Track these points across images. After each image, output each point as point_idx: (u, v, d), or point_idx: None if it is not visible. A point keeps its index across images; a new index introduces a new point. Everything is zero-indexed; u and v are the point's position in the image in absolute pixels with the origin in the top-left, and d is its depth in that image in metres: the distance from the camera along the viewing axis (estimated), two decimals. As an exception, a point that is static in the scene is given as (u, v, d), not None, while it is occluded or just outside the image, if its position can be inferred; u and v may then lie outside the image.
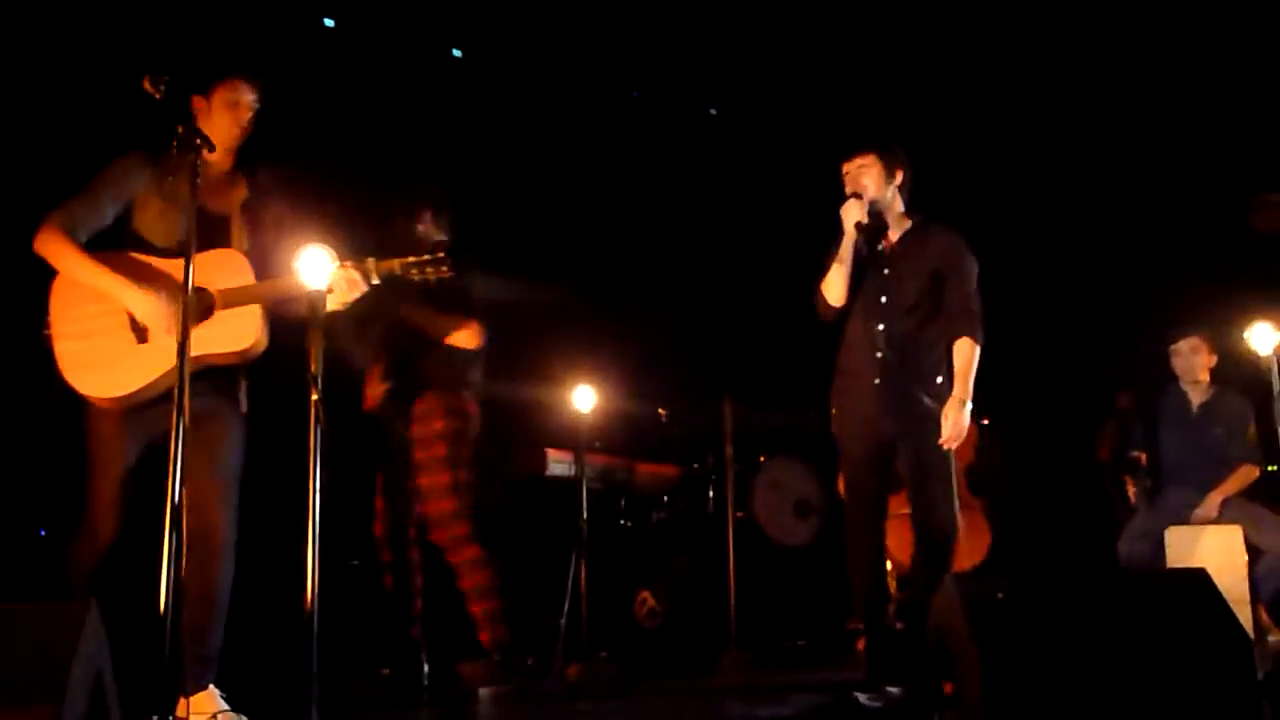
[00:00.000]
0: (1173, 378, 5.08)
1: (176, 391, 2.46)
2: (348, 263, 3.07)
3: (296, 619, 2.46)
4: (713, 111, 6.92)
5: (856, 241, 3.64)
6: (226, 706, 2.95)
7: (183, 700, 2.76)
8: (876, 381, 3.64)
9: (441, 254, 3.23)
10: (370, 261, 3.13)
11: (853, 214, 3.59)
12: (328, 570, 2.48)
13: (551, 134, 6.00)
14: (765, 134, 6.72)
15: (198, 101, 3.11)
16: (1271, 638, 4.56)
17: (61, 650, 2.08)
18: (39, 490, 4.12)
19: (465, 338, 4.04)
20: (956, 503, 3.61)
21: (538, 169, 5.83)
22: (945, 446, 3.54)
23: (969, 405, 3.55)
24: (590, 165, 6.12)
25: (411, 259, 3.21)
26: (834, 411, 3.80)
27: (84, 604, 2.22)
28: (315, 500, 2.32)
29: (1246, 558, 4.61)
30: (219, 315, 2.97)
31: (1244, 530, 4.67)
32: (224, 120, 3.10)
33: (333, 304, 3.02)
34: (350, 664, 3.98)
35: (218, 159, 3.08)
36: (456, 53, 6.07)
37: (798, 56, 6.22)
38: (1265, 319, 3.83)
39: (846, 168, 3.73)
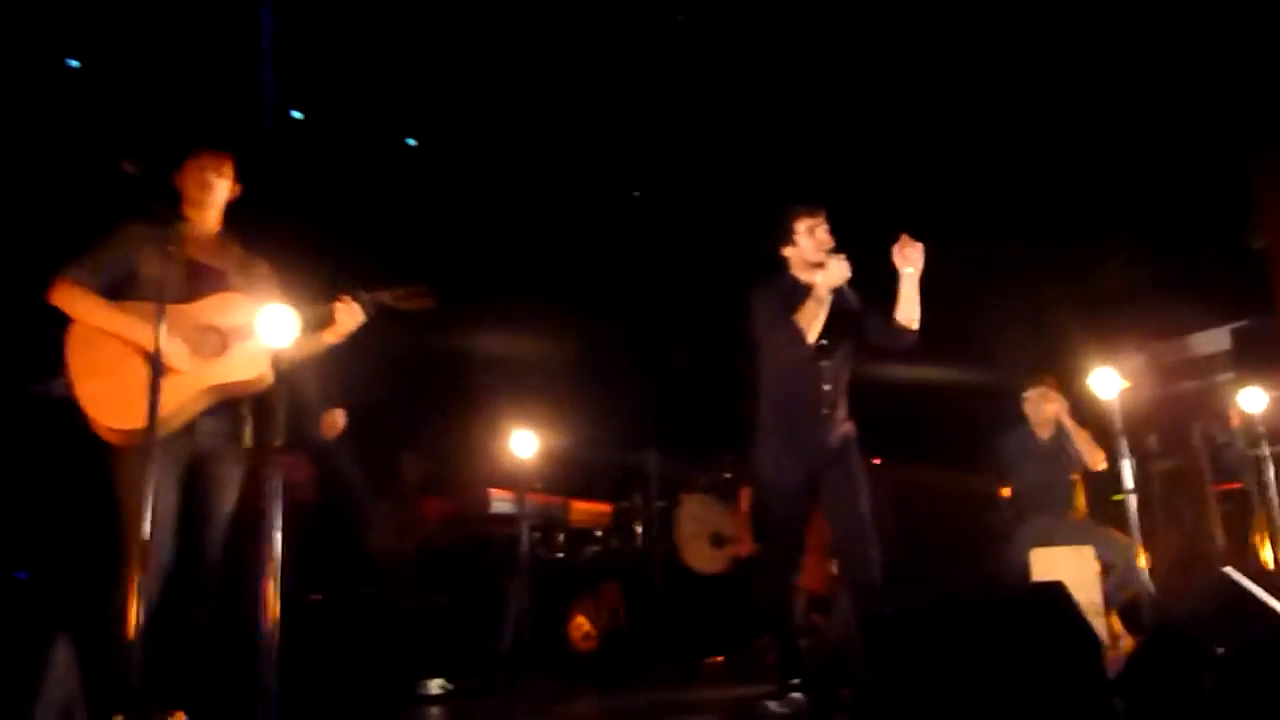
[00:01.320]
0: (1024, 419, 5.22)
1: (147, 429, 2.39)
2: (347, 296, 3.11)
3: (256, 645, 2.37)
4: (635, 194, 7.01)
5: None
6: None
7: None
8: (825, 412, 3.60)
9: (423, 285, 3.24)
10: (364, 294, 3.15)
11: (843, 272, 3.48)
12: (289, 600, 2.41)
13: (489, 187, 6.01)
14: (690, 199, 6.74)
15: (176, 176, 3.12)
16: (1123, 643, 4.64)
17: (26, 688, 1.97)
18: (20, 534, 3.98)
19: None
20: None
21: (480, 218, 5.83)
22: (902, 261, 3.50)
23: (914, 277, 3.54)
24: (527, 214, 6.12)
25: (400, 290, 3.21)
26: (770, 446, 3.65)
27: (50, 641, 2.11)
28: (276, 539, 2.25)
29: (1099, 572, 4.71)
30: (232, 349, 2.97)
31: (1096, 549, 4.78)
32: (193, 190, 3.10)
33: (333, 337, 3.10)
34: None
35: (204, 220, 3.12)
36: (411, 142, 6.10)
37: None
38: (1106, 364, 3.93)
39: (810, 223, 3.64)
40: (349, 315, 3.11)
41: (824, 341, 3.58)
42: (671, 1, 5.51)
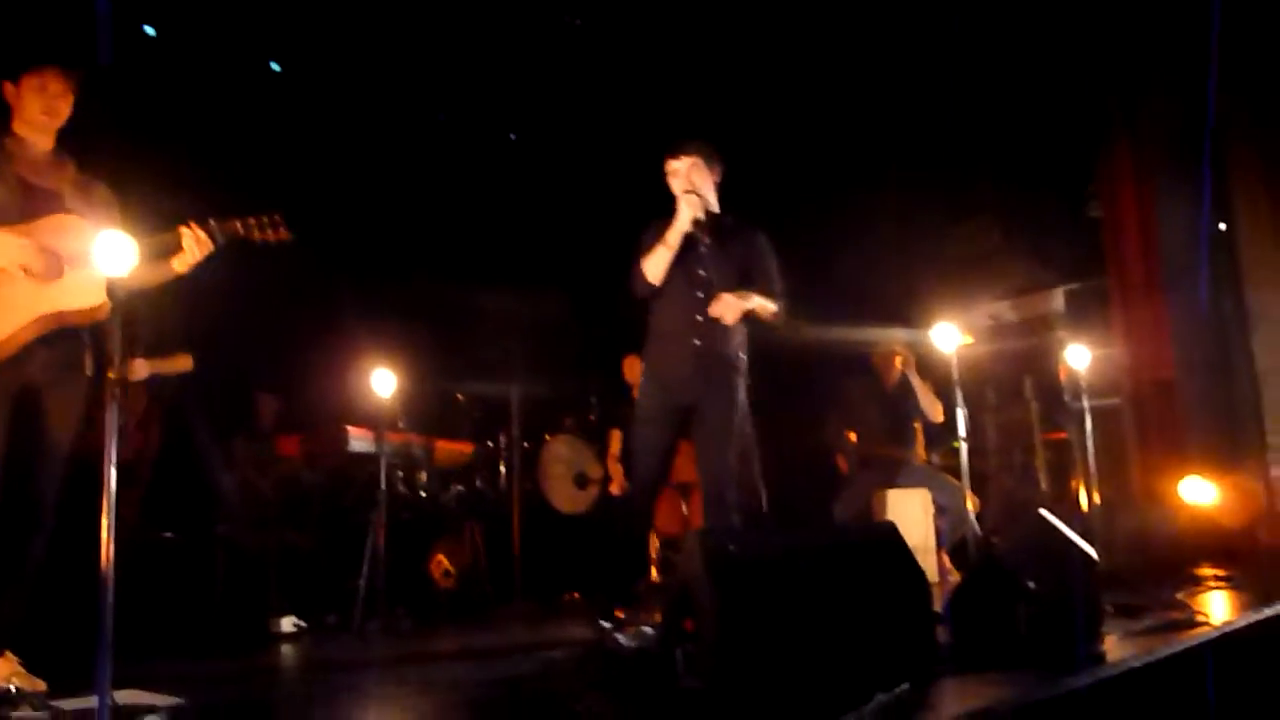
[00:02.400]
0: (869, 368, 5.47)
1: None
2: (194, 224, 2.95)
3: (94, 587, 2.26)
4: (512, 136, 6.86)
5: (687, 233, 3.57)
6: (22, 669, 2.71)
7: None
8: (696, 342, 3.58)
9: (278, 215, 3.09)
10: (213, 223, 3.00)
11: (694, 208, 3.53)
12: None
13: (354, 119, 5.78)
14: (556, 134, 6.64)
15: (7, 88, 2.92)
16: (951, 578, 4.94)
17: None
18: None
19: None
20: (757, 466, 3.84)
21: (343, 164, 5.61)
22: (716, 313, 3.52)
23: (747, 306, 3.56)
24: (391, 161, 5.94)
25: (251, 219, 3.05)
26: (645, 372, 3.73)
27: None
28: (111, 474, 2.13)
29: (932, 513, 4.99)
30: (68, 275, 2.79)
31: (931, 493, 5.06)
32: (32, 106, 2.90)
33: (180, 266, 2.95)
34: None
35: (37, 140, 2.92)
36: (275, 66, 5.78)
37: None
38: (949, 320, 4.11)
39: (674, 164, 3.66)
40: (196, 244, 2.95)
41: (701, 272, 3.55)
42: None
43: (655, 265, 3.59)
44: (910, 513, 4.88)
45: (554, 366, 5.90)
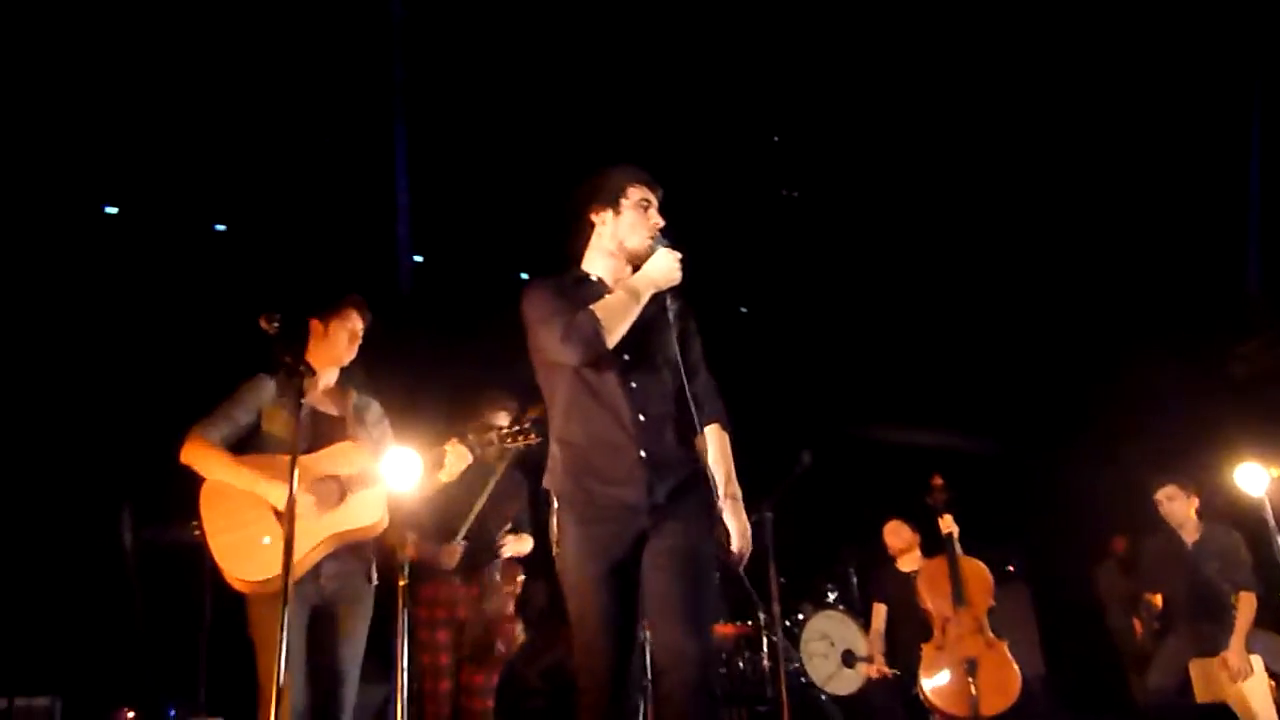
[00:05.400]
0: (1165, 522, 4.87)
1: (283, 580, 2.45)
2: (455, 440, 3.16)
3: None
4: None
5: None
6: None
7: None
8: (639, 454, 2.44)
9: (528, 424, 3.28)
10: (471, 437, 3.21)
11: (673, 268, 2.53)
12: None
13: None
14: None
15: (315, 325, 3.22)
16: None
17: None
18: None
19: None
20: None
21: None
22: (739, 560, 2.48)
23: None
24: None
25: (504, 430, 3.26)
26: (562, 513, 2.50)
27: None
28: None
29: (1270, 684, 4.28)
30: (350, 499, 3.02)
31: (1264, 658, 4.36)
32: (338, 343, 3.19)
33: (445, 478, 3.14)
34: None
35: (329, 372, 3.22)
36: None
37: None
38: (1252, 458, 3.68)
39: (646, 194, 2.63)
40: (458, 458, 3.16)
41: (626, 357, 2.51)
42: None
43: (616, 318, 2.46)
44: (1241, 685, 4.22)
45: (806, 537, 5.74)
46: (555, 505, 2.52)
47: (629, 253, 2.60)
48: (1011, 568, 5.29)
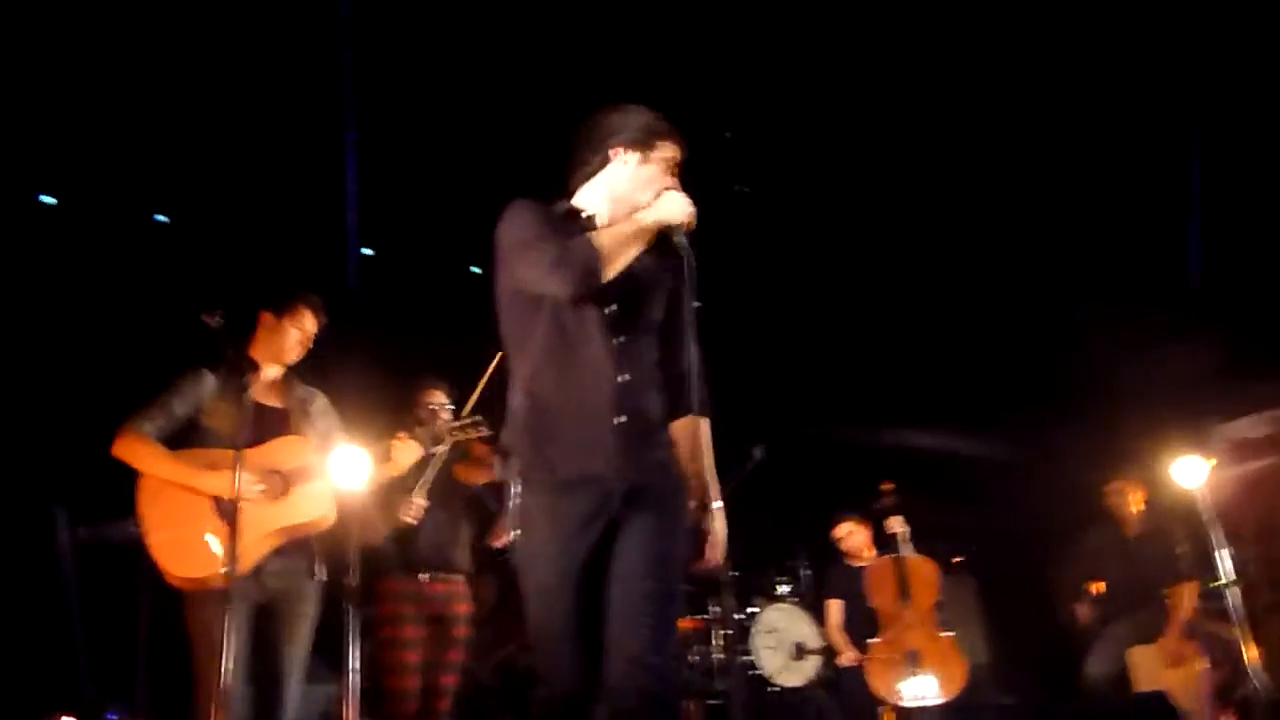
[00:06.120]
0: (1109, 514, 5.01)
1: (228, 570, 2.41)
2: (402, 434, 3.15)
3: None
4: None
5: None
6: None
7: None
8: (619, 420, 2.16)
9: (479, 416, 3.26)
10: (419, 430, 3.20)
11: (685, 210, 2.23)
12: None
13: None
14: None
15: (266, 318, 3.17)
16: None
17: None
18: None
19: None
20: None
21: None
22: (711, 565, 2.24)
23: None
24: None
25: (455, 423, 3.25)
26: (526, 480, 2.18)
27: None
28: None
29: (1202, 668, 4.42)
30: (294, 491, 2.99)
31: (1202, 647, 4.50)
32: (286, 340, 3.15)
33: (393, 471, 3.15)
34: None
35: (275, 367, 3.18)
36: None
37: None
38: (1190, 451, 3.77)
39: (674, 152, 2.33)
40: (406, 451, 3.14)
41: (613, 307, 2.22)
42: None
43: (616, 251, 2.15)
44: (1177, 671, 4.35)
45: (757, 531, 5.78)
46: (515, 489, 2.18)
47: (631, 205, 2.27)
48: (958, 559, 5.40)
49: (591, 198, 2.34)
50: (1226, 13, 5.15)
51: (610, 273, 2.14)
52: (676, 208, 2.22)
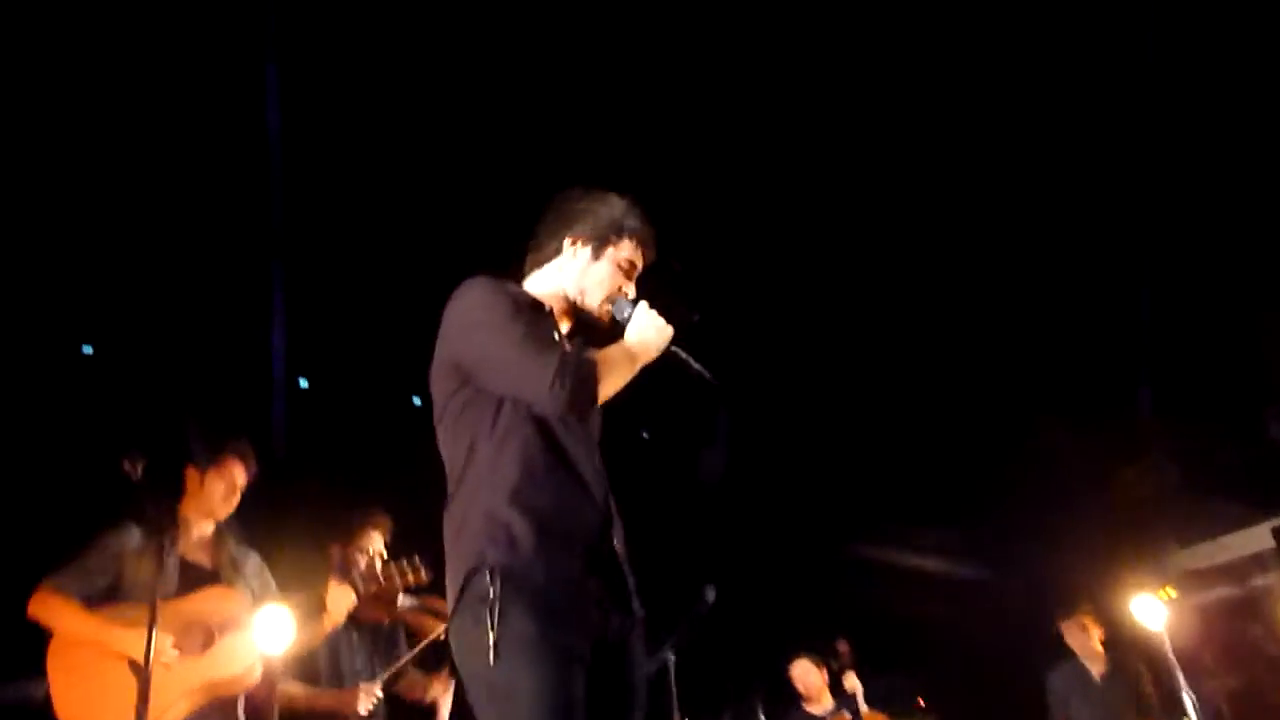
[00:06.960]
0: (1071, 653, 4.89)
1: None
2: (335, 580, 3.03)
3: None
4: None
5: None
6: None
7: None
8: (615, 539, 1.97)
9: (417, 557, 3.14)
10: (355, 575, 3.08)
11: (669, 330, 2.07)
12: None
13: None
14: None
15: (192, 474, 3.07)
16: None
17: None
18: None
19: None
20: None
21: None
22: None
23: None
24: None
25: (393, 567, 3.14)
26: (519, 593, 1.81)
27: None
28: None
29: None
30: (219, 643, 2.83)
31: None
32: (217, 494, 3.05)
33: (329, 624, 3.01)
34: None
35: (203, 524, 3.05)
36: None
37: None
38: (1145, 586, 3.74)
39: (641, 251, 2.16)
40: (341, 597, 2.98)
41: (591, 434, 2.09)
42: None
43: (612, 382, 1.97)
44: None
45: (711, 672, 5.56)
46: (492, 593, 1.78)
47: (576, 303, 2.11)
48: (922, 701, 5.24)
49: (541, 285, 2.14)
50: (1173, 160, 5.29)
51: (602, 398, 1.95)
52: (662, 337, 2.04)
